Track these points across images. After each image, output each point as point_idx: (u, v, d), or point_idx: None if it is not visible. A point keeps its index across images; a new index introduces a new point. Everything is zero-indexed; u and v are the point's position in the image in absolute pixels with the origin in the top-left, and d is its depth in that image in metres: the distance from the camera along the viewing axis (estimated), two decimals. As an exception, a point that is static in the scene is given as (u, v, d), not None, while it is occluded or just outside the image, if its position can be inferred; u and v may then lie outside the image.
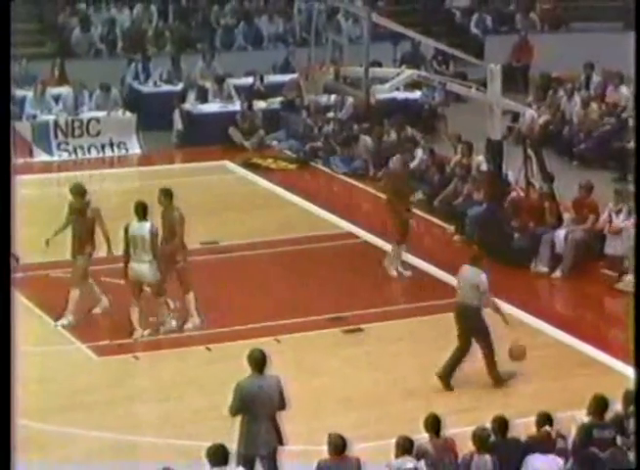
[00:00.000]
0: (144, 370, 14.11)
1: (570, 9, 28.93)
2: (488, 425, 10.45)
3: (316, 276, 16.78)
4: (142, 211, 14.48)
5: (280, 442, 10.72)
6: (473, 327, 13.50)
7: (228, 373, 13.23)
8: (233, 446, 10.17)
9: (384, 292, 16.35)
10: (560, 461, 10.07)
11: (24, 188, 19.46)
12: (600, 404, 10.67)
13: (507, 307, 15.83)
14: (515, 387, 13.59)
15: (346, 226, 18.97)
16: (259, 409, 10.56)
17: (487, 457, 10.07)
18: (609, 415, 10.82)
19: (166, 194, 14.95)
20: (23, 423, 12.46)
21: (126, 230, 14.47)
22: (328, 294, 16.12)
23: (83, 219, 14.99)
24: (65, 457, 12.01)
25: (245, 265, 17.32)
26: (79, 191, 15.20)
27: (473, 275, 13.55)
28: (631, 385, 11.42)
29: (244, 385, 10.62)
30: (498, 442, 10.32)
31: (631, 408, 10.78)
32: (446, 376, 13.47)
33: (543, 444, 10.19)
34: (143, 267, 14.43)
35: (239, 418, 10.60)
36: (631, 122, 21.89)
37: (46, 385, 13.69)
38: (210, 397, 12.95)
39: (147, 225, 14.43)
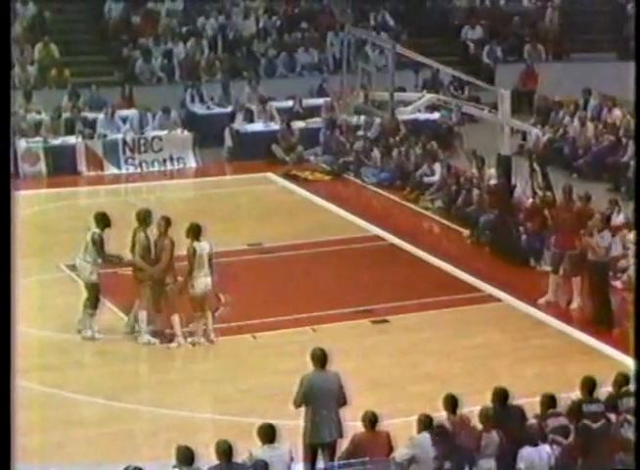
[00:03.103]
0: (201, 356, 14.10)
1: (570, 41, 28.80)
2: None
3: (347, 274, 16.75)
4: (199, 231, 14.09)
5: (340, 434, 10.29)
6: (605, 276, 14.94)
7: (271, 358, 13.33)
8: (280, 423, 9.92)
9: (407, 287, 16.30)
10: (547, 449, 9.94)
11: (97, 197, 19.65)
12: (588, 384, 10.65)
13: (515, 302, 15.89)
14: (521, 370, 13.53)
15: (374, 230, 18.97)
16: (321, 401, 10.16)
17: (494, 433, 10.01)
18: (604, 395, 10.76)
19: (167, 221, 14.24)
20: (95, 401, 12.63)
21: (194, 251, 13.93)
22: (357, 289, 16.08)
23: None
24: (133, 431, 12.13)
25: (285, 264, 17.31)
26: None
27: (604, 240, 15.14)
28: (622, 369, 11.42)
29: (308, 378, 10.22)
30: (498, 410, 10.19)
31: (622, 389, 10.75)
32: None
33: (534, 435, 10.05)
34: (209, 281, 14.08)
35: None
36: (624, 140, 21.81)
37: (117, 367, 13.82)
38: (256, 378, 12.98)
39: (206, 245, 14.12)
